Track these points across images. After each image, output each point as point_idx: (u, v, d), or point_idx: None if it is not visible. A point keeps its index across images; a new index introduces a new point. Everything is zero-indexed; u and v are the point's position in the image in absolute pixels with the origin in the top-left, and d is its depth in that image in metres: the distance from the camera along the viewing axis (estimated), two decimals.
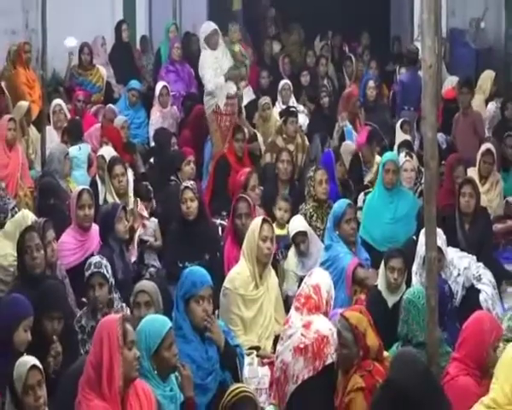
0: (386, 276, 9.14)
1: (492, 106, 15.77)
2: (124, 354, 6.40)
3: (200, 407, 7.41)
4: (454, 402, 6.93)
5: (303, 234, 10.51)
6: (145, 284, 8.68)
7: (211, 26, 15.63)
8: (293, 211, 11.50)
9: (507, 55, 19.06)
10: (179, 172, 12.80)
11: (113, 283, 8.85)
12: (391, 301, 8.99)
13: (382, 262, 9.35)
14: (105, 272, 8.67)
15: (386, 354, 7.73)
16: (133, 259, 10.64)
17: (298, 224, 10.78)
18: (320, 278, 8.33)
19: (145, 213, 11.53)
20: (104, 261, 8.75)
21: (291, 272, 10.39)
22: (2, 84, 16.12)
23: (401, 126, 14.93)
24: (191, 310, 7.82)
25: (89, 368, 6.47)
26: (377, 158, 13.50)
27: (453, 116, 14.69)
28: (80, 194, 10.38)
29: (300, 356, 7.72)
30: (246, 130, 14.66)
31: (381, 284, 9.22)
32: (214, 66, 15.04)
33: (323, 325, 7.75)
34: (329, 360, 7.68)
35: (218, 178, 12.86)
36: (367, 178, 13.45)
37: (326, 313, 7.96)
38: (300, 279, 10.01)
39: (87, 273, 8.64)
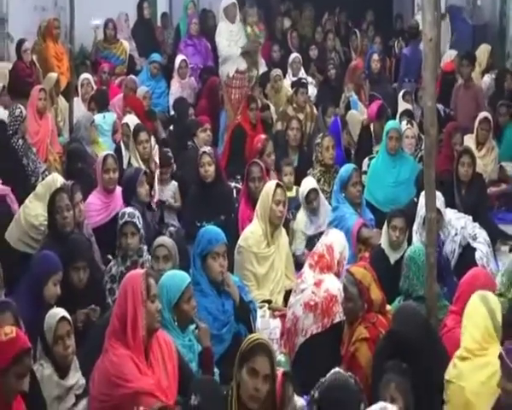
0: (388, 234, 9.12)
1: (488, 78, 15.74)
2: (147, 306, 6.42)
3: (215, 356, 7.38)
4: (451, 352, 6.96)
5: (315, 191, 10.47)
6: (164, 239, 8.78)
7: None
8: (302, 175, 11.45)
9: (501, 31, 19.02)
10: (196, 139, 12.82)
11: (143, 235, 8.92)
12: (393, 258, 8.96)
13: (385, 222, 9.33)
14: (137, 223, 8.76)
15: (388, 307, 7.77)
16: None
17: (309, 183, 10.74)
18: (334, 239, 8.34)
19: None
20: (137, 213, 8.88)
21: (299, 232, 10.34)
22: (34, 57, 16.15)
23: (403, 97, 14.92)
24: (208, 266, 7.88)
25: (114, 319, 6.51)
26: None
27: (451, 87, 14.71)
28: (105, 159, 10.38)
29: (310, 312, 7.73)
30: (258, 100, 14.63)
31: (383, 242, 9.20)
32: (229, 37, 15.02)
33: (333, 285, 7.75)
34: (337, 319, 7.69)
35: (234, 145, 12.85)
36: (375, 149, 13.26)
37: (338, 273, 7.93)
38: (308, 239, 10.16)
39: (121, 222, 8.76)
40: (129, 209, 8.99)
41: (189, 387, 6.15)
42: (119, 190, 10.29)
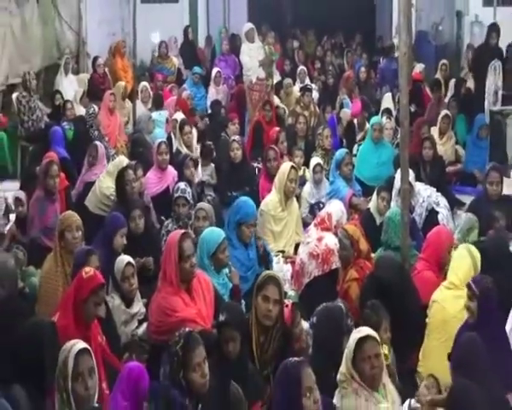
0: (377, 203, 9.13)
1: (452, 82, 15.67)
2: (180, 265, 6.39)
3: (242, 292, 7.40)
4: (420, 289, 6.99)
5: (319, 165, 10.51)
6: (203, 204, 8.81)
7: (249, 25, 15.91)
8: (308, 158, 11.39)
9: (457, 49, 18.95)
10: (227, 130, 12.88)
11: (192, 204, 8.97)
12: (379, 220, 8.94)
13: (375, 192, 9.35)
14: (187, 196, 8.82)
15: (373, 255, 7.71)
16: None
17: (316, 159, 10.81)
18: (333, 209, 8.37)
19: None
20: (188, 188, 8.93)
21: (304, 200, 10.27)
22: (106, 69, 16.20)
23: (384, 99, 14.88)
24: (241, 231, 7.99)
25: (162, 267, 6.58)
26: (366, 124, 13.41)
27: (418, 91, 14.63)
28: (159, 144, 10.41)
29: (313, 260, 7.71)
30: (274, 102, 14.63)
31: (372, 207, 9.21)
32: (250, 54, 15.15)
33: (331, 241, 7.73)
34: (334, 266, 7.66)
35: (254, 136, 12.79)
36: (358, 137, 13.39)
37: (335, 233, 7.88)
38: (310, 206, 10.22)
39: (175, 195, 8.86)
40: (182, 186, 8.99)
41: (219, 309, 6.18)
42: (170, 168, 10.31)
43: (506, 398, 5.57)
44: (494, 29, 15.06)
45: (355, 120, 13.86)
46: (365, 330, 5.18)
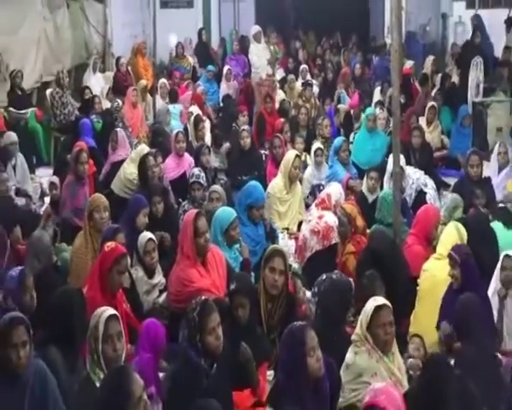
0: (367, 183, 9.11)
1: (438, 77, 15.61)
2: (196, 241, 6.40)
3: (252, 265, 7.38)
4: (410, 261, 6.99)
5: (320, 149, 10.45)
6: (216, 187, 8.76)
7: (256, 27, 16.08)
8: (309, 145, 11.39)
9: (442, 48, 18.95)
10: (238, 121, 12.81)
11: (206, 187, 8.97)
12: (370, 198, 8.93)
13: (365, 175, 9.33)
14: (201, 181, 8.78)
15: (368, 230, 7.70)
16: None
17: (317, 144, 10.79)
18: (332, 190, 8.37)
19: None
20: (202, 174, 8.89)
21: (306, 182, 10.22)
22: (129, 68, 16.21)
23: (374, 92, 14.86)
24: (252, 212, 7.98)
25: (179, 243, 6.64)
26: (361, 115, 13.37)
27: (408, 84, 14.57)
28: (177, 134, 10.39)
29: (314, 236, 7.65)
30: (276, 96, 14.68)
31: (364, 188, 9.19)
32: (258, 54, 15.25)
33: (331, 219, 7.69)
34: (333, 241, 7.61)
35: (259, 126, 12.80)
36: (355, 126, 13.29)
37: (334, 212, 7.87)
38: (312, 187, 10.20)
39: (191, 180, 8.82)
40: (196, 171, 8.96)
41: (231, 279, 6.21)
42: (186, 155, 10.28)
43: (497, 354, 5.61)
44: (478, 30, 15.31)
45: (351, 111, 13.81)
46: (381, 300, 5.15)
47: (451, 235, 6.80)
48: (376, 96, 14.66)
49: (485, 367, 5.20)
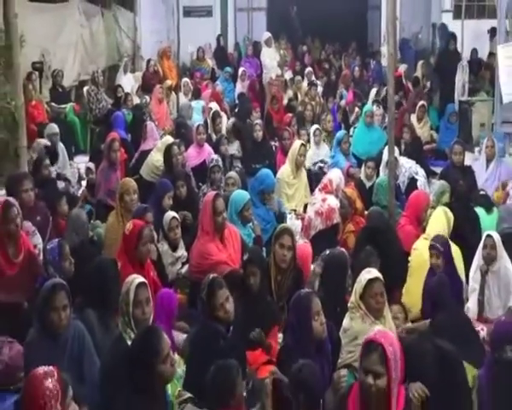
0: (365, 171, 9.09)
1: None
2: (214, 219, 6.44)
3: (263, 241, 7.39)
4: (402, 239, 6.99)
5: (318, 130, 10.61)
6: (232, 173, 8.79)
7: (267, 34, 16.60)
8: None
9: (432, 52, 18.73)
10: (251, 116, 12.76)
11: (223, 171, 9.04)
12: (368, 184, 8.93)
13: (363, 164, 9.32)
14: (220, 164, 8.89)
15: (365, 212, 7.69)
16: None
17: (315, 126, 10.95)
18: (333, 176, 8.32)
19: None
20: (220, 160, 9.05)
21: (309, 158, 10.12)
22: (156, 68, 16.19)
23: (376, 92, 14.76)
24: (263, 196, 8.00)
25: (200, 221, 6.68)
26: (356, 109, 13.47)
27: (401, 85, 14.53)
28: (198, 126, 10.33)
29: (318, 217, 7.66)
30: (285, 96, 14.76)
31: (362, 175, 9.20)
32: (269, 57, 15.60)
33: (333, 202, 7.70)
34: (335, 221, 7.61)
35: (267, 122, 12.70)
36: (351, 119, 13.35)
37: (336, 195, 7.86)
38: (314, 163, 10.39)
39: (211, 164, 8.86)
40: (215, 157, 9.12)
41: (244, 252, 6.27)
42: (206, 145, 10.24)
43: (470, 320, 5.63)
44: (452, 37, 15.34)
45: (347, 107, 13.83)
46: (375, 272, 5.11)
47: (439, 218, 6.82)
48: (372, 96, 14.57)
49: (459, 329, 5.22)
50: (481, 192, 8.16)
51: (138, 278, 4.84)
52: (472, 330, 5.50)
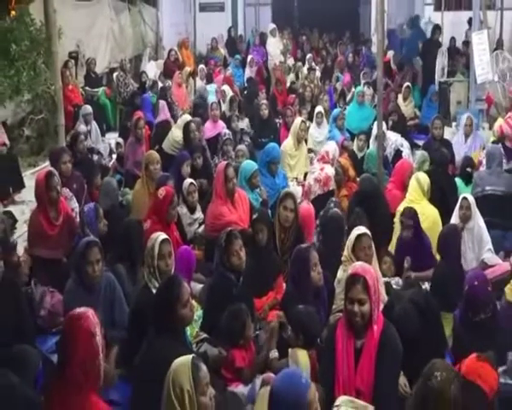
0: (357, 143, 9.02)
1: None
2: (226, 185, 6.42)
3: (269, 204, 7.32)
4: (389, 202, 6.92)
5: (321, 113, 10.28)
6: (241, 146, 8.79)
7: (272, 25, 16.48)
8: (311, 115, 11.09)
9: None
10: (258, 97, 12.63)
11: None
12: (360, 155, 8.85)
13: (355, 137, 9.25)
14: (231, 137, 8.96)
15: (358, 179, 7.65)
16: None
17: (319, 108, 10.58)
18: (329, 148, 8.28)
19: None
20: (228, 132, 9.09)
21: (310, 137, 10.02)
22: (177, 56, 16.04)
23: (363, 74, 14.50)
24: (270, 167, 7.83)
25: (214, 187, 6.63)
26: (352, 89, 13.20)
27: (388, 69, 14.36)
28: (212, 104, 10.39)
29: (317, 183, 7.60)
30: (287, 80, 14.53)
31: (355, 147, 9.11)
32: (274, 46, 15.51)
33: (329, 170, 7.64)
34: (331, 188, 7.57)
35: (272, 102, 12.44)
36: (348, 98, 13.13)
37: (332, 165, 7.80)
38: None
39: (224, 137, 8.92)
40: (228, 132, 9.11)
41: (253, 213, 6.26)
42: (220, 121, 10.19)
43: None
44: (437, 28, 15.03)
45: (344, 88, 13.65)
46: (363, 229, 5.07)
47: (416, 185, 6.70)
48: (362, 78, 14.40)
49: (455, 276, 5.21)
50: (468, 169, 7.84)
51: (162, 235, 4.83)
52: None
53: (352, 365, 3.77)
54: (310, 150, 9.66)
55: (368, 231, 5.02)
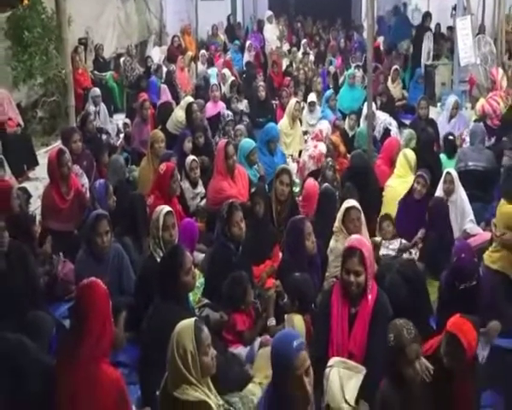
0: (348, 122, 8.95)
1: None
2: (226, 162, 6.38)
3: (267, 181, 7.21)
4: (378, 176, 6.90)
5: (313, 102, 10.08)
6: (240, 126, 8.70)
7: (269, 12, 16.41)
8: (306, 95, 10.96)
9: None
10: (256, 80, 12.42)
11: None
12: (350, 133, 8.77)
13: (347, 117, 9.16)
14: (232, 119, 8.99)
15: (349, 155, 7.60)
16: None
17: (313, 96, 10.39)
18: (322, 126, 8.31)
19: None
20: (230, 113, 9.05)
21: (304, 119, 9.88)
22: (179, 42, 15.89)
23: (352, 58, 14.38)
24: (269, 145, 7.71)
25: (215, 163, 6.60)
26: (345, 72, 12.96)
27: (378, 53, 14.17)
28: (213, 86, 10.35)
29: (311, 160, 7.61)
30: (283, 64, 14.22)
31: (346, 126, 9.03)
32: (271, 32, 15.36)
33: (322, 147, 7.63)
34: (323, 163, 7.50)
35: (269, 84, 12.21)
36: (340, 80, 12.93)
37: (325, 142, 7.75)
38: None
39: (227, 119, 8.97)
40: (230, 113, 9.18)
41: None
42: (220, 101, 10.11)
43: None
44: (427, 15, 14.91)
45: (337, 71, 13.51)
46: (352, 202, 5.03)
47: (404, 159, 6.66)
48: (351, 61, 14.26)
49: (443, 245, 5.19)
50: (450, 137, 7.83)
51: (166, 208, 4.81)
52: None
53: (346, 329, 3.76)
54: (305, 132, 9.58)
55: (357, 204, 4.99)
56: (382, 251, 5.66)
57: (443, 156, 7.57)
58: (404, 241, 5.78)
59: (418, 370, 3.24)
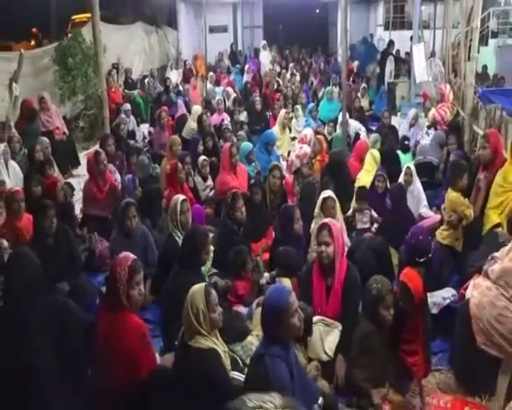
0: (327, 129, 8.86)
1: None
2: (230, 160, 6.27)
3: (262, 175, 7.06)
4: (351, 171, 6.74)
5: (298, 109, 10.02)
6: (241, 132, 8.66)
7: (263, 42, 16.49)
8: (293, 107, 10.75)
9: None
10: (253, 95, 12.12)
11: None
12: (329, 138, 8.66)
13: (326, 125, 9.11)
14: (228, 127, 8.70)
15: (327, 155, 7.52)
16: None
17: (297, 107, 10.21)
18: (307, 132, 8.10)
19: None
20: (227, 123, 8.82)
21: (292, 126, 9.71)
22: (192, 67, 15.75)
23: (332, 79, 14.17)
24: (266, 147, 7.54)
25: (221, 162, 6.50)
26: (322, 89, 12.89)
27: (350, 75, 14.07)
28: (218, 101, 10.25)
29: (297, 158, 7.18)
30: (275, 83, 13.87)
31: (325, 132, 8.95)
32: (265, 57, 15.45)
33: (307, 149, 7.41)
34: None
35: (263, 98, 11.80)
36: (319, 95, 12.86)
37: (309, 144, 7.63)
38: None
39: (223, 127, 8.67)
40: (227, 123, 9.07)
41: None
42: (224, 113, 10.04)
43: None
44: (391, 43, 15.13)
45: (316, 89, 13.49)
46: (328, 192, 4.96)
47: (370, 157, 6.61)
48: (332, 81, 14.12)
49: (402, 222, 5.03)
50: (406, 142, 7.79)
51: (182, 196, 4.77)
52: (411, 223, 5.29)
53: (325, 298, 3.73)
54: (293, 138, 9.50)
55: (332, 194, 4.94)
56: (359, 226, 5.63)
57: (400, 152, 7.55)
58: (373, 212, 5.76)
59: (391, 313, 3.31)
